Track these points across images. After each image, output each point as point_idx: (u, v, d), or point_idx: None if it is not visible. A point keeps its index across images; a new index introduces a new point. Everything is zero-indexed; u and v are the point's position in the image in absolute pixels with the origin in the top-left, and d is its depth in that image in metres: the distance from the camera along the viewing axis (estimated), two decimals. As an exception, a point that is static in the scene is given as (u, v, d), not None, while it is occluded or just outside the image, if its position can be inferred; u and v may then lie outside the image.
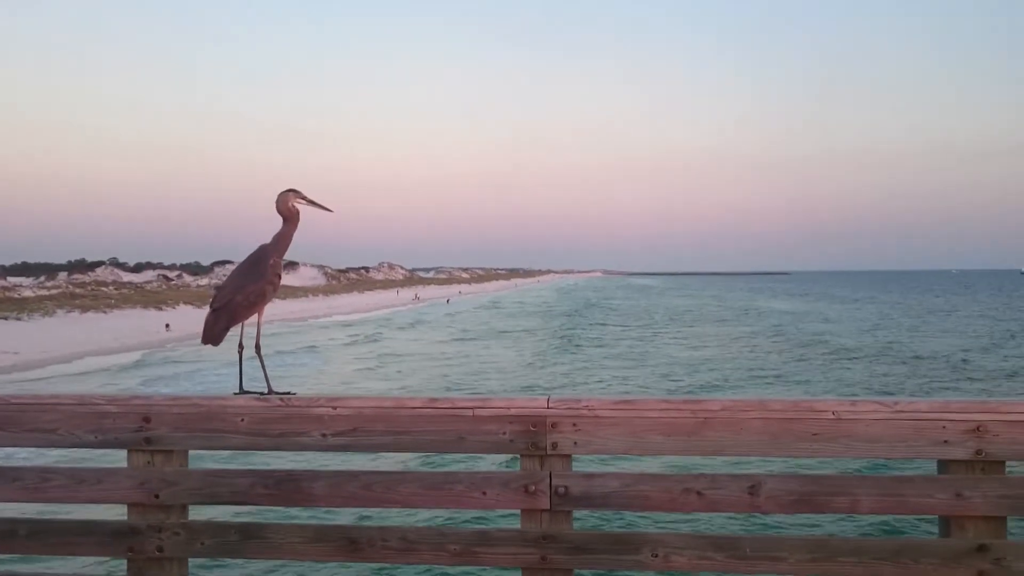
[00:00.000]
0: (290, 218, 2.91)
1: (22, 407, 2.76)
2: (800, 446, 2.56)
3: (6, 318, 49.77)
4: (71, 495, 2.76)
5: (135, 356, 38.39)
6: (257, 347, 2.83)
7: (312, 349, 41.71)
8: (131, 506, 2.73)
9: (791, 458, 2.62)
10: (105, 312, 58.53)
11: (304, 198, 2.92)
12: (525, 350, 39.09)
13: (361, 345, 44.06)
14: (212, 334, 2.77)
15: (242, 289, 2.79)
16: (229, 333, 2.81)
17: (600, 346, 41.04)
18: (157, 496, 2.70)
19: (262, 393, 2.75)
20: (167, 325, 51.98)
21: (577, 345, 41.45)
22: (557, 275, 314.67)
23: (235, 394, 2.77)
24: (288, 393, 2.74)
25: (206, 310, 2.81)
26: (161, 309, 62.79)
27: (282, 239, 2.91)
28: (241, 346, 2.83)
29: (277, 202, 2.90)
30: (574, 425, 2.60)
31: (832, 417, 2.55)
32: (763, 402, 2.59)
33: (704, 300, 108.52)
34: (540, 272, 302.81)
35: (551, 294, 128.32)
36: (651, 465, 10.17)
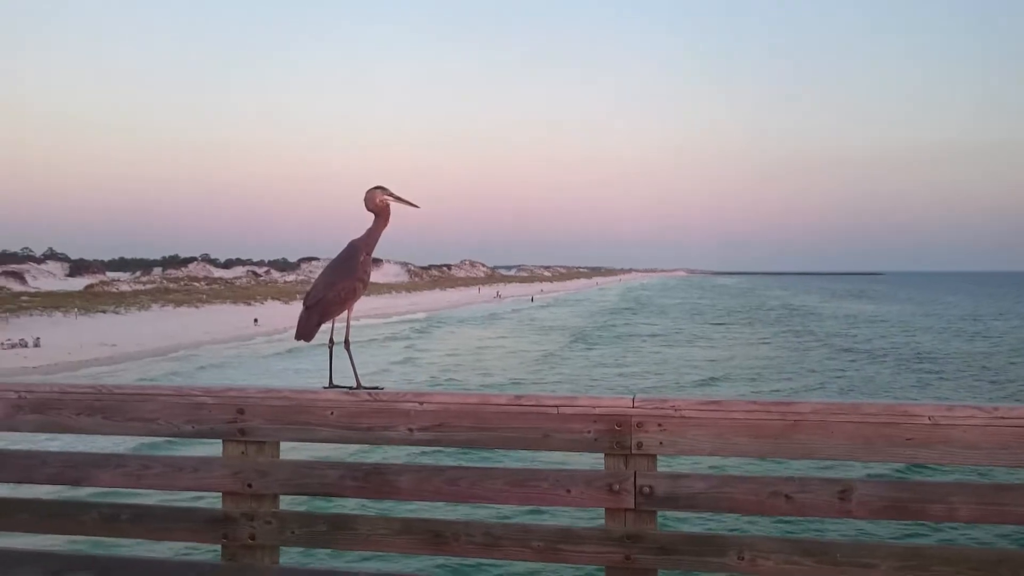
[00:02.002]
0: (380, 214, 2.95)
1: (124, 397, 2.87)
2: (894, 451, 2.48)
3: (105, 311, 51.89)
4: (169, 483, 2.87)
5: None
6: (347, 342, 2.88)
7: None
8: (225, 494, 2.81)
9: (884, 463, 2.54)
10: (197, 307, 60.44)
11: (392, 194, 2.96)
12: (548, 344, 44.47)
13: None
14: (305, 330, 2.83)
15: (333, 286, 2.85)
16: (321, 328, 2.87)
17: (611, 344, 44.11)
18: (250, 486, 2.78)
19: (351, 388, 2.80)
20: (255, 320, 53.36)
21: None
22: (640, 274, 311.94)
23: (325, 388, 2.83)
24: (376, 388, 2.78)
25: (293, 306, 2.88)
26: (250, 304, 64.47)
27: (372, 235, 2.95)
28: (331, 341, 2.88)
29: (366, 199, 2.94)
30: (659, 425, 2.58)
31: (928, 422, 2.46)
32: (856, 405, 2.52)
33: (760, 299, 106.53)
34: (623, 271, 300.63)
35: (618, 294, 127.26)
36: (736, 466, 10.04)
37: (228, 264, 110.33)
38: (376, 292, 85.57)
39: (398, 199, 2.97)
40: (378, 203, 2.93)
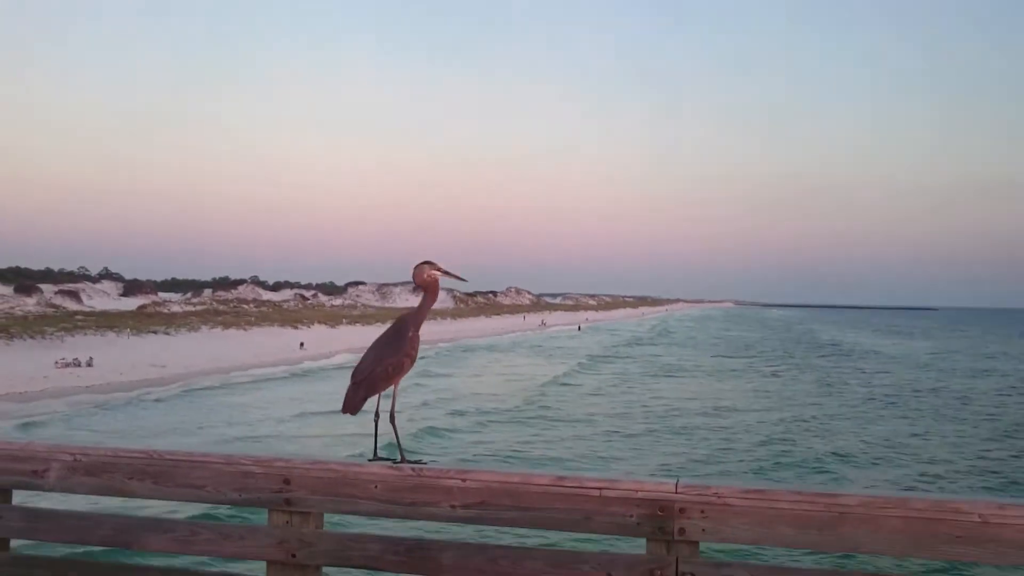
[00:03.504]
0: (428, 290, 2.99)
1: (175, 463, 2.94)
2: (943, 548, 2.44)
3: (155, 332, 52.85)
4: (216, 549, 2.92)
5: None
6: (392, 417, 2.90)
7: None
8: (270, 563, 2.86)
9: (932, 560, 2.50)
10: (245, 329, 61.24)
11: (439, 269, 3.00)
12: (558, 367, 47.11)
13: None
14: (352, 404, 2.88)
15: (381, 361, 2.90)
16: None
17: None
18: (294, 555, 2.82)
19: (395, 461, 2.83)
20: (301, 344, 53.92)
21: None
22: (687, 304, 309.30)
23: (369, 460, 2.87)
24: (419, 462, 2.81)
25: (339, 330, 2.93)
26: (296, 328, 65.14)
27: (421, 311, 2.99)
28: (377, 415, 2.92)
29: (413, 274, 2.98)
30: (702, 512, 2.57)
31: (978, 520, 2.42)
32: (904, 500, 2.48)
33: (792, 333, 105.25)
34: (669, 301, 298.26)
35: (652, 325, 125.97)
36: (779, 556, 9.83)
37: (276, 287, 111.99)
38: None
39: (446, 273, 3.01)
40: (426, 278, 2.97)
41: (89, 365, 36.99)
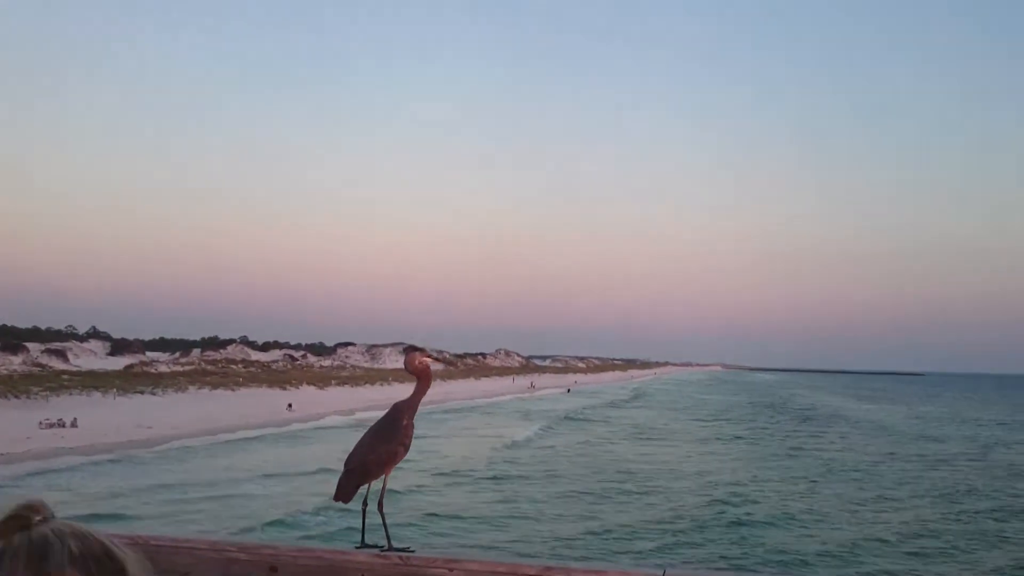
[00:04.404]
0: (421, 376, 2.99)
1: (160, 548, 2.90)
2: None
3: (142, 392, 52.43)
4: None
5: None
6: (380, 504, 2.89)
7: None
8: None
9: None
10: (233, 390, 60.83)
11: (429, 355, 3.02)
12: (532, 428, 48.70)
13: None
14: (344, 492, 2.86)
15: (375, 450, 2.90)
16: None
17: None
18: None
19: (382, 548, 2.82)
20: (289, 405, 53.55)
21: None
22: (675, 367, 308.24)
23: (356, 547, 2.85)
24: (406, 550, 2.79)
25: (328, 391, 2.92)
26: (285, 389, 64.75)
27: (415, 399, 2.99)
28: (365, 502, 2.91)
29: (405, 362, 2.99)
30: None
31: None
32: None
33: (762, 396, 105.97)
34: (658, 364, 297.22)
35: (634, 388, 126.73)
36: None
37: (266, 347, 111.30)
38: (410, 379, 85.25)
39: (436, 359, 3.03)
40: (417, 365, 2.98)
41: (74, 426, 36.63)
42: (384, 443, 2.90)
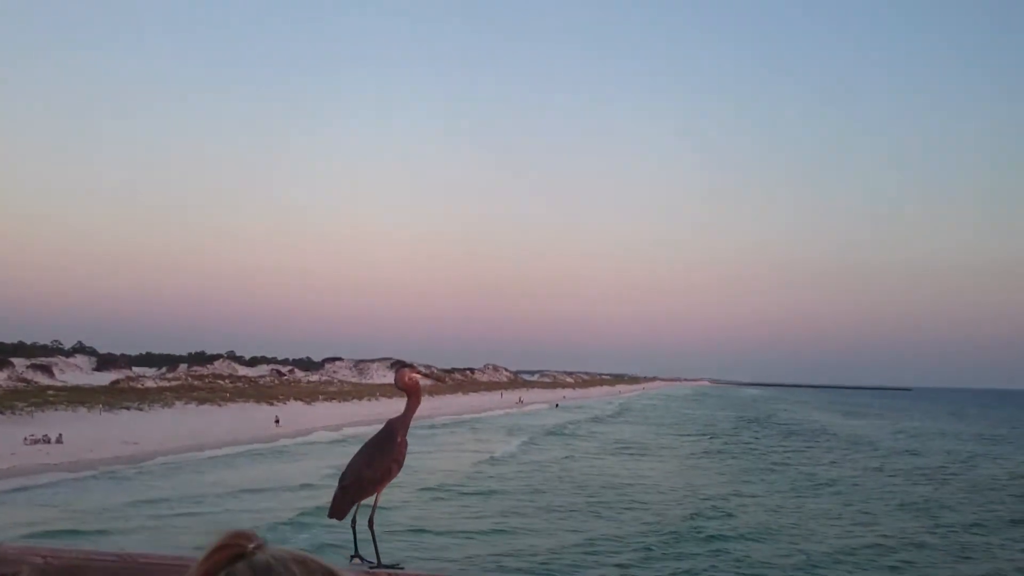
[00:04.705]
0: (412, 393, 3.08)
1: (149, 566, 2.91)
2: None
3: (128, 408, 52.18)
4: None
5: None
6: (370, 521, 2.95)
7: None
8: None
9: None
10: (220, 405, 60.58)
11: (418, 371, 3.11)
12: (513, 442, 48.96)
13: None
14: (339, 509, 2.93)
15: (370, 467, 2.97)
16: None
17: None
18: None
19: (372, 565, 2.83)
20: (276, 421, 53.39)
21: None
22: (663, 382, 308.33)
23: (350, 557, 2.91)
24: (396, 566, 2.83)
25: (315, 406, 2.97)
26: (272, 404, 64.50)
27: (407, 415, 3.07)
28: (354, 520, 2.96)
29: (396, 379, 3.08)
30: None
31: None
32: None
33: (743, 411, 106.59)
34: (646, 379, 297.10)
35: (620, 403, 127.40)
36: None
37: (253, 362, 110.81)
38: (399, 395, 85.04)
39: (425, 375, 3.12)
40: (407, 381, 3.06)
41: (59, 442, 36.44)
42: (379, 460, 2.97)
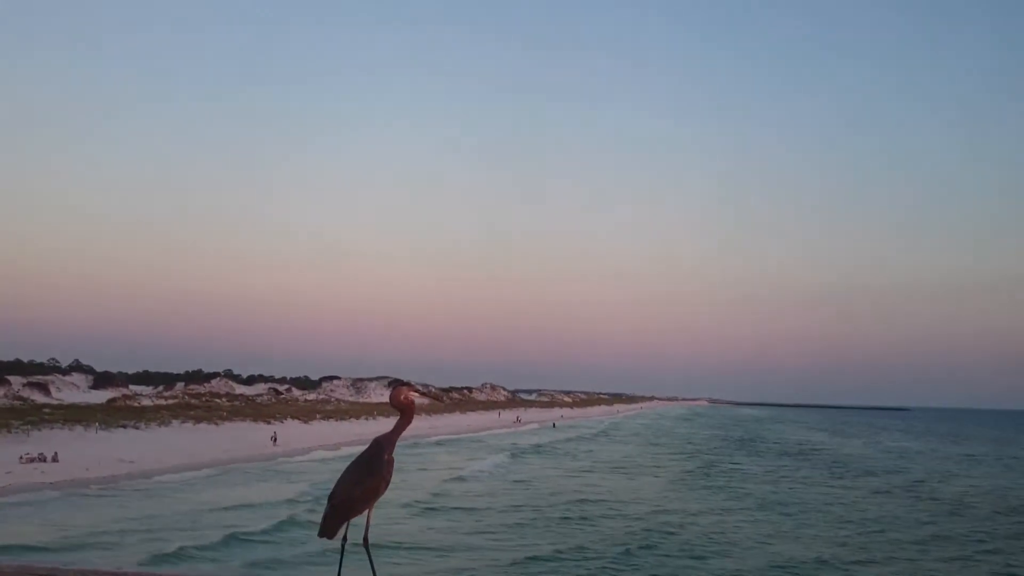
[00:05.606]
0: (405, 411, 3.03)
1: None
2: None
3: (125, 426, 51.90)
4: None
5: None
6: (365, 540, 2.90)
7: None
8: None
9: None
10: (216, 424, 60.27)
11: (416, 390, 3.06)
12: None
13: (460, 469, 44.39)
14: (329, 528, 2.85)
15: (360, 485, 2.92)
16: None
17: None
18: None
19: None
20: (273, 440, 53.17)
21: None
22: (661, 402, 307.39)
23: None
24: None
25: (312, 425, 2.90)
26: (269, 423, 64.21)
27: (396, 433, 3.01)
28: (345, 539, 2.89)
29: (391, 396, 3.03)
30: None
31: None
32: None
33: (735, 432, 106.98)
34: (644, 398, 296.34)
35: (613, 422, 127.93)
36: None
37: (250, 380, 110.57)
38: (395, 413, 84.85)
39: (423, 394, 3.07)
40: (403, 400, 3.01)
41: (55, 460, 36.26)
42: (368, 478, 2.90)
